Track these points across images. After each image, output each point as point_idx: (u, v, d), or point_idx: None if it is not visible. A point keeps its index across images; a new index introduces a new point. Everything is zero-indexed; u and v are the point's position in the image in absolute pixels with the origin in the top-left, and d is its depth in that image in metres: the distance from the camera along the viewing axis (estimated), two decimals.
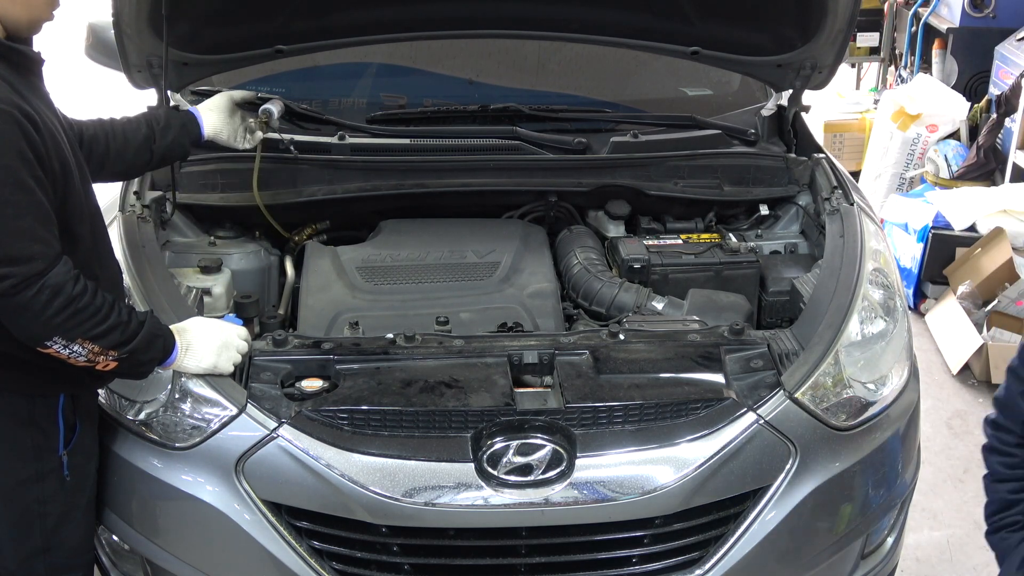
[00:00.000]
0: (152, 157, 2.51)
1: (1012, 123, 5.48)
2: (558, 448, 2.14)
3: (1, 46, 1.96)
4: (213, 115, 2.66)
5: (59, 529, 2.19)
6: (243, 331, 2.26)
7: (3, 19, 1.96)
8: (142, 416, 2.24)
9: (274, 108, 2.80)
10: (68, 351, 1.96)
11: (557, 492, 2.13)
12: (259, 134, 2.79)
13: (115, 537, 2.34)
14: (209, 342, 2.17)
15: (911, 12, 6.69)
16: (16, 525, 2.16)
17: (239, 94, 2.76)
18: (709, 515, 2.22)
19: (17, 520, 2.16)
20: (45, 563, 2.20)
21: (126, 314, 2.03)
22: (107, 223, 2.60)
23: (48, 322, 1.91)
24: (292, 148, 2.88)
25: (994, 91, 5.79)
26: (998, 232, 4.75)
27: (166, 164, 2.67)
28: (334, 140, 3.01)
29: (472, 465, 2.13)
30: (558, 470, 2.14)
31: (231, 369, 2.21)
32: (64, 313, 1.91)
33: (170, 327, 2.15)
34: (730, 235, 3.02)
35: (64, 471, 2.15)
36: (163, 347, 2.10)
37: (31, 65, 2.04)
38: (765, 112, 3.29)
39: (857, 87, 7.85)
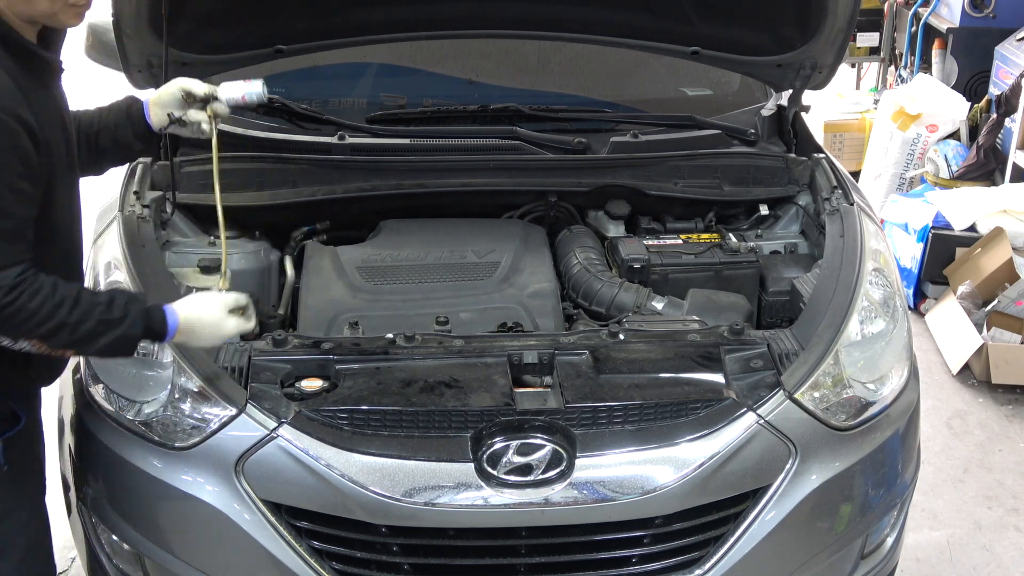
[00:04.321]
0: (97, 147, 2.35)
1: (1012, 123, 5.48)
2: (558, 448, 2.14)
3: (21, 48, 1.95)
4: (159, 110, 2.39)
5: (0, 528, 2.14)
6: (241, 297, 2.17)
7: (18, 15, 1.93)
8: (142, 416, 2.23)
9: (223, 97, 2.42)
10: (17, 346, 1.95)
11: (557, 492, 2.13)
12: (211, 128, 2.42)
13: (115, 537, 2.33)
14: (208, 317, 2.11)
15: (911, 12, 6.69)
16: None
17: (195, 87, 2.40)
18: (709, 515, 2.22)
19: None
20: None
21: (77, 315, 1.94)
22: (107, 223, 2.60)
23: None
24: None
25: (994, 91, 5.79)
26: (998, 232, 4.75)
27: (116, 163, 2.50)
28: (334, 140, 3.00)
29: (472, 465, 2.13)
30: (558, 470, 2.13)
31: (237, 332, 2.16)
32: None
33: (171, 305, 2.09)
34: (730, 235, 3.01)
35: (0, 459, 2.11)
36: (141, 334, 2.03)
37: (48, 70, 2.04)
38: (765, 112, 3.29)
39: (857, 87, 7.85)
